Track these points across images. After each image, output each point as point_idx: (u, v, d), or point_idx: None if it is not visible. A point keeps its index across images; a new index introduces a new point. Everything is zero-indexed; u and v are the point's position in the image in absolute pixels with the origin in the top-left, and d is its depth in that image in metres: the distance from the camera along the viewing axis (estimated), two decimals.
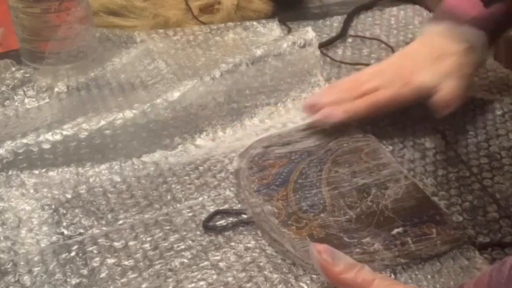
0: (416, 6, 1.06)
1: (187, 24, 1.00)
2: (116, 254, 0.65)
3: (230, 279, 0.62)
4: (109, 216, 0.69)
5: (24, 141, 0.73)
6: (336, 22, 1.02)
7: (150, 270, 0.63)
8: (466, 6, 0.78)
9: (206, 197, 0.72)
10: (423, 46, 0.79)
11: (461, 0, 0.79)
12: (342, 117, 0.76)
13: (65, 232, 0.68)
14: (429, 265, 0.64)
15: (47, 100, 0.85)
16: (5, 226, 0.68)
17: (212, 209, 0.70)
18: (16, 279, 0.62)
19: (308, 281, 0.62)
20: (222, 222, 0.68)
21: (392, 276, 0.63)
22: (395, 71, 0.78)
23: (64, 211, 0.70)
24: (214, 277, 0.63)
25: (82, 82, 0.88)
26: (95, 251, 0.65)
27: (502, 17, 0.79)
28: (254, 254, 0.65)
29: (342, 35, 0.99)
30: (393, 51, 0.94)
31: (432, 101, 0.76)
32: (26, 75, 0.88)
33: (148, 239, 0.66)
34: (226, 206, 0.70)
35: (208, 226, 0.68)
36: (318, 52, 0.87)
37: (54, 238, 0.67)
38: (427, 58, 0.77)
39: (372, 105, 0.77)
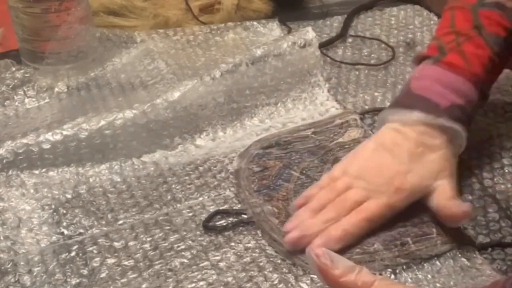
0: (416, 6, 1.06)
1: (187, 24, 1.00)
2: (116, 254, 0.65)
3: (230, 279, 0.62)
4: (109, 216, 0.69)
5: (24, 141, 0.73)
6: (336, 22, 1.02)
7: (150, 270, 0.63)
8: (439, 92, 0.71)
9: (206, 197, 0.72)
10: (399, 139, 0.70)
11: (431, 85, 0.71)
12: (337, 247, 0.64)
13: (65, 232, 0.68)
14: (429, 265, 0.64)
15: (47, 100, 0.85)
16: (5, 226, 0.68)
17: (212, 209, 0.70)
18: (16, 279, 0.62)
19: (308, 281, 0.62)
20: (222, 222, 0.68)
21: (392, 276, 0.63)
22: (378, 174, 0.68)
23: (64, 211, 0.70)
24: (214, 277, 0.63)
25: (82, 82, 0.88)
26: (95, 251, 0.65)
27: (476, 104, 0.73)
28: (254, 254, 0.65)
29: (342, 35, 0.99)
30: (393, 51, 0.94)
31: (434, 208, 0.67)
32: (26, 75, 0.88)
33: (148, 239, 0.66)
34: (226, 206, 0.70)
35: (208, 226, 0.68)
36: (318, 52, 0.87)
37: (54, 238, 0.67)
38: (407, 155, 0.68)
39: (366, 221, 0.66)
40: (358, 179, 0.68)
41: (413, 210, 0.68)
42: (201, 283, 0.62)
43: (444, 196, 0.67)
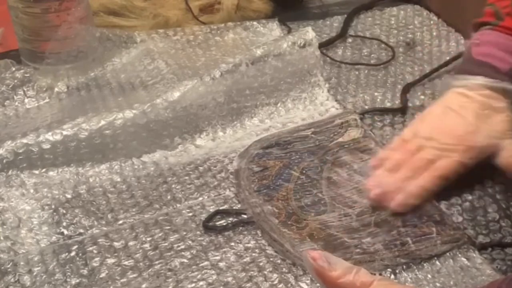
0: (416, 6, 1.06)
1: (187, 24, 1.00)
2: (116, 254, 0.65)
3: (230, 279, 0.62)
4: (109, 216, 0.69)
5: (24, 141, 0.73)
6: (336, 22, 1.02)
7: (150, 270, 0.63)
8: (500, 56, 0.74)
9: (206, 197, 0.72)
10: (466, 102, 0.73)
11: (491, 50, 0.75)
12: (412, 202, 0.69)
13: (65, 232, 0.68)
14: (429, 265, 0.64)
15: (47, 100, 0.85)
16: (5, 226, 0.68)
17: (212, 209, 0.70)
18: (16, 279, 0.62)
19: (308, 281, 0.62)
20: (222, 222, 0.68)
21: (392, 276, 0.63)
22: (448, 134, 0.71)
23: (64, 211, 0.70)
24: (214, 277, 0.63)
25: (82, 82, 0.88)
26: (95, 251, 0.65)
27: None
28: (254, 254, 0.65)
29: (342, 35, 0.99)
30: (393, 51, 0.94)
31: (503, 165, 0.70)
32: (26, 75, 0.88)
33: (148, 239, 0.66)
34: (226, 206, 0.70)
35: (208, 226, 0.68)
36: (318, 52, 0.87)
37: (54, 238, 0.67)
38: (475, 116, 0.72)
39: (440, 177, 0.70)
40: (429, 140, 0.71)
41: (413, 208, 0.69)
42: (201, 283, 0.62)
43: (510, 153, 0.70)
